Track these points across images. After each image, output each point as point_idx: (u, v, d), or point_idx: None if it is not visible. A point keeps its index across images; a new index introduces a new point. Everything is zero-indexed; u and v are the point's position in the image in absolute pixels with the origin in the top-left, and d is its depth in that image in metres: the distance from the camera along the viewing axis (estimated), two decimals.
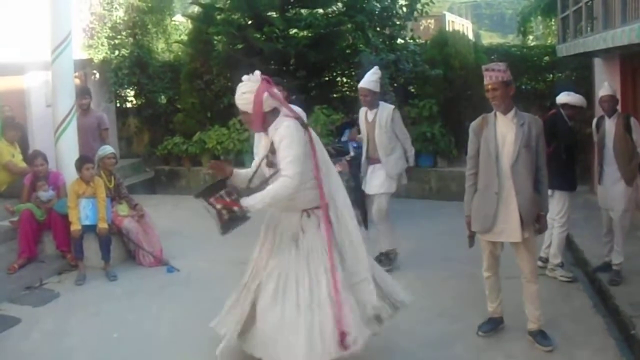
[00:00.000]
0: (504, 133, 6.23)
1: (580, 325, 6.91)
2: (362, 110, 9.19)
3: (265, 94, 5.66)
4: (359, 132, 9.61)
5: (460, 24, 46.69)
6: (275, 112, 5.76)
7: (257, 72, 5.81)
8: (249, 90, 5.67)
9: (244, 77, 5.76)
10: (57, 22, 9.71)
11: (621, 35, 8.86)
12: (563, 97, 8.49)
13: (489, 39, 55.72)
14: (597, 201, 8.70)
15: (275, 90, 5.81)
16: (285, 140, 5.57)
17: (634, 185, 8.04)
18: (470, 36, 31.47)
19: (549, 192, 7.00)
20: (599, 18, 10.75)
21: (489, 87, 6.19)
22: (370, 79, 8.88)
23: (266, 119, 5.73)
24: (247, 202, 5.70)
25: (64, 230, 9.23)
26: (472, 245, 6.64)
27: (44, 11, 9.87)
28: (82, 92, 11.72)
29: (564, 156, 8.11)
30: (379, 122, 8.87)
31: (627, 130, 7.99)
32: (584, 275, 8.76)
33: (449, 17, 47.50)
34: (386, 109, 8.96)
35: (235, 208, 5.80)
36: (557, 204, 8.16)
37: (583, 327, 6.88)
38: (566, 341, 6.49)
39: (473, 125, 6.46)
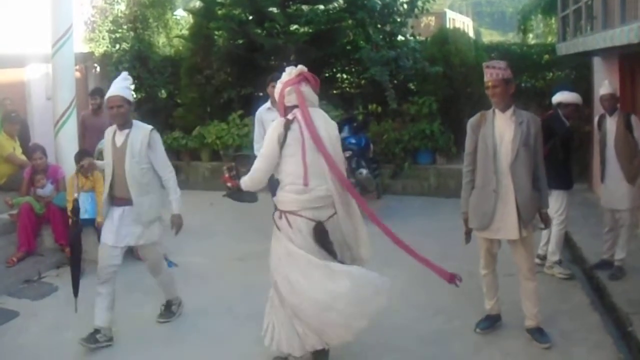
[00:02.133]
0: (502, 131, 6.25)
1: (577, 323, 6.95)
2: (110, 131, 6.93)
3: (288, 89, 5.84)
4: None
5: (461, 22, 46.62)
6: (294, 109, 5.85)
7: (299, 67, 5.94)
8: (281, 80, 5.98)
9: (287, 69, 6.00)
10: (58, 15, 9.72)
11: (620, 34, 8.86)
12: (557, 97, 8.57)
13: (490, 36, 55.77)
14: (595, 199, 8.74)
15: (304, 89, 5.86)
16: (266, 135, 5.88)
17: (636, 183, 8.05)
18: (471, 34, 31.49)
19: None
20: (599, 17, 10.75)
21: (490, 84, 6.21)
22: (123, 85, 6.84)
23: (287, 111, 5.87)
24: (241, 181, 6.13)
25: (63, 224, 9.25)
26: (468, 241, 6.66)
27: (46, 4, 9.88)
28: (94, 92, 11.76)
29: (561, 156, 8.13)
30: (130, 148, 6.74)
31: (628, 128, 8.01)
32: (581, 272, 8.77)
33: (450, 14, 47.47)
34: (141, 130, 6.84)
35: (229, 184, 6.41)
36: (555, 202, 8.17)
37: (580, 324, 6.92)
38: (564, 338, 6.53)
39: (471, 121, 6.48)
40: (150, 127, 6.84)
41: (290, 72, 5.92)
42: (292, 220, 5.70)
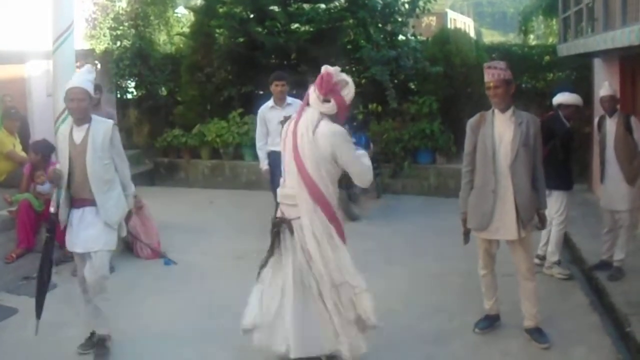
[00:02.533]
0: (501, 131, 6.25)
1: (576, 323, 6.96)
2: (66, 128, 6.35)
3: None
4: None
5: (462, 22, 46.65)
6: None
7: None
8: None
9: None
10: (59, 11, 9.64)
11: (621, 36, 8.87)
12: (558, 98, 8.58)
13: (490, 37, 55.73)
14: (594, 199, 8.75)
15: (310, 90, 5.76)
16: None
17: (636, 184, 8.05)
18: (472, 34, 31.48)
19: (547, 191, 7.02)
20: (600, 19, 10.76)
21: (491, 84, 6.20)
22: (86, 78, 6.32)
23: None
24: None
25: None
26: (467, 242, 6.67)
27: (47, 0, 9.86)
28: (95, 88, 11.75)
29: (561, 156, 8.13)
30: (92, 143, 6.20)
31: (628, 130, 8.01)
32: (581, 273, 8.79)
33: (451, 14, 47.53)
34: (103, 124, 6.36)
35: None
36: (555, 203, 8.19)
37: (579, 324, 6.93)
38: (562, 338, 6.52)
39: (470, 122, 6.48)
40: (111, 121, 6.47)
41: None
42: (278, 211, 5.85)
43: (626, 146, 8.02)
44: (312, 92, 5.66)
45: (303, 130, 5.55)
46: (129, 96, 18.17)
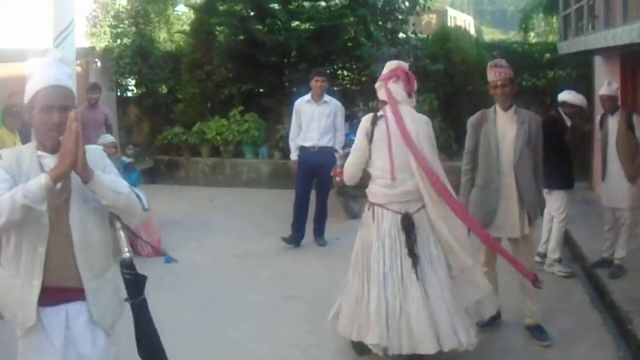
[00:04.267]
0: (504, 130, 6.25)
1: (577, 320, 6.95)
2: (27, 159, 3.64)
3: (378, 84, 6.06)
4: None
5: (462, 20, 46.62)
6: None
7: (394, 63, 6.11)
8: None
9: (387, 63, 6.16)
10: (60, 9, 9.68)
11: (622, 34, 8.87)
12: (564, 95, 8.56)
13: (491, 35, 55.75)
14: (595, 197, 8.75)
15: (391, 86, 5.94)
16: None
17: (637, 182, 8.05)
18: (472, 32, 31.49)
19: (547, 190, 7.03)
20: (601, 17, 10.77)
21: (499, 83, 6.20)
22: (64, 70, 3.92)
23: (381, 105, 6.12)
24: None
25: None
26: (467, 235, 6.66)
27: None
28: (93, 87, 11.75)
29: (559, 156, 8.11)
30: (80, 189, 4.23)
31: (629, 127, 8.00)
32: (581, 270, 8.78)
33: (451, 12, 47.55)
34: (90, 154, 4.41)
35: (337, 178, 7.03)
36: (555, 201, 8.19)
37: (580, 322, 6.92)
38: (563, 336, 6.52)
39: (472, 120, 6.48)
40: (97, 147, 3.92)
41: (387, 67, 6.07)
42: (378, 213, 5.79)
43: (628, 144, 8.01)
44: (397, 88, 5.90)
45: (417, 128, 5.80)
46: (129, 94, 18.17)
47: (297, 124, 10.01)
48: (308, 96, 9.92)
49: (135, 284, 3.76)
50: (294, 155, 10.05)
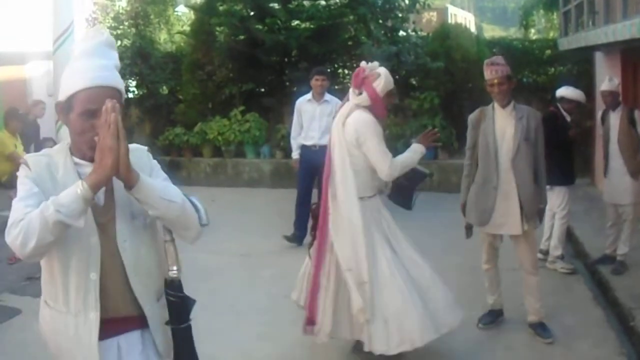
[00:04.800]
0: (503, 127, 6.24)
1: (580, 317, 6.94)
2: (53, 162, 3.24)
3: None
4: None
5: (463, 17, 46.71)
6: None
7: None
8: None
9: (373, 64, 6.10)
10: (59, 12, 9.68)
11: (622, 29, 8.87)
12: (561, 91, 8.58)
13: (491, 32, 55.72)
14: (597, 193, 8.73)
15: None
16: None
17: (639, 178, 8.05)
18: (473, 29, 31.48)
19: (548, 186, 7.02)
20: (601, 12, 10.76)
21: (495, 81, 6.19)
22: (112, 63, 3.77)
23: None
24: None
25: None
26: (469, 236, 6.67)
27: (47, 1, 9.87)
28: None
29: (560, 152, 8.10)
30: (125, 198, 3.55)
31: (631, 123, 8.00)
32: (584, 267, 8.78)
33: (452, 9, 47.64)
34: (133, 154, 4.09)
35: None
36: (556, 197, 8.19)
37: (583, 319, 6.92)
38: (566, 333, 6.52)
39: (471, 117, 6.49)
40: (142, 147, 3.32)
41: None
42: None
43: (630, 139, 8.00)
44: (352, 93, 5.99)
45: (336, 120, 5.98)
46: (130, 95, 18.16)
47: (298, 123, 10.07)
48: (309, 95, 9.98)
49: (181, 309, 3.21)
50: (295, 154, 10.12)
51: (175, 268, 3.10)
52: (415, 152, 5.98)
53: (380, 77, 5.88)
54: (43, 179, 2.91)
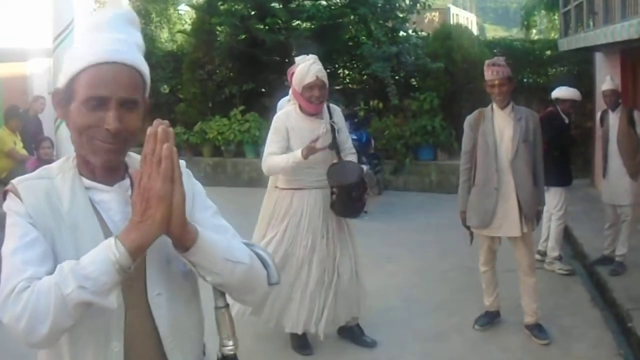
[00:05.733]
0: (501, 128, 6.23)
1: (577, 318, 6.93)
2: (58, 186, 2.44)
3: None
4: None
5: (465, 17, 46.71)
6: None
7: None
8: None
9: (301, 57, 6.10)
10: (59, 9, 9.62)
11: (621, 30, 8.88)
12: (555, 92, 8.59)
13: (494, 32, 55.79)
14: (596, 194, 8.73)
15: None
16: (343, 121, 6.41)
17: (638, 178, 8.04)
18: (475, 29, 31.51)
19: (545, 187, 7.02)
20: (600, 13, 10.76)
21: (496, 82, 6.17)
22: (132, 39, 3.08)
23: None
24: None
25: None
26: (472, 241, 6.63)
27: None
28: None
29: (556, 153, 8.10)
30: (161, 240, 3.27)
31: (630, 124, 8.00)
32: (582, 268, 8.77)
33: (454, 10, 47.58)
34: None
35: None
36: (553, 198, 8.18)
37: (580, 320, 6.90)
38: (563, 334, 6.50)
39: (469, 119, 6.46)
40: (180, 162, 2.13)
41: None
42: None
43: (629, 140, 8.00)
44: None
45: None
46: None
47: None
48: (289, 96, 9.95)
49: None
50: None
51: (231, 343, 2.24)
52: (290, 156, 5.88)
53: (296, 69, 5.95)
54: (42, 215, 1.99)
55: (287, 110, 6.08)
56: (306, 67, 5.88)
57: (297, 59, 6.04)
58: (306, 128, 5.92)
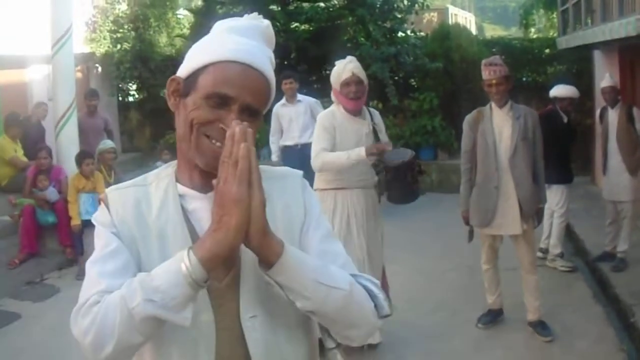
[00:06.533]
0: (500, 126, 6.24)
1: (580, 315, 6.95)
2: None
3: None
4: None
5: (464, 17, 46.62)
6: None
7: None
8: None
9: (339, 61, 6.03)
10: (58, 16, 9.72)
11: (618, 28, 8.89)
12: (553, 91, 8.63)
13: (492, 31, 55.72)
14: (598, 191, 8.74)
15: None
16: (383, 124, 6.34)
17: (638, 175, 8.04)
18: (473, 29, 31.50)
19: (546, 185, 7.03)
20: (598, 11, 10.77)
21: (494, 82, 6.17)
22: (265, 53, 3.31)
23: None
24: None
25: (68, 225, 9.23)
26: (471, 239, 6.64)
27: (46, 4, 9.88)
28: (92, 94, 11.76)
29: (557, 151, 8.10)
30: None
31: (630, 120, 8.01)
32: (584, 265, 8.77)
33: (452, 10, 47.47)
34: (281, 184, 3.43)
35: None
36: (555, 195, 8.19)
37: (583, 316, 6.92)
38: (566, 331, 6.52)
39: (468, 119, 6.46)
40: (295, 172, 2.18)
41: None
42: None
43: (628, 137, 8.02)
44: None
45: None
46: (131, 99, 18.19)
47: (275, 128, 10.47)
48: (283, 100, 10.34)
49: None
50: (274, 157, 10.59)
51: None
52: (350, 153, 5.75)
53: (333, 71, 6.00)
54: (127, 224, 1.90)
55: (331, 109, 6.02)
56: (342, 65, 5.92)
57: (337, 62, 6.04)
58: (350, 128, 5.92)
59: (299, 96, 10.39)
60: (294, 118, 10.22)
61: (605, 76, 8.49)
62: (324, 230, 2.00)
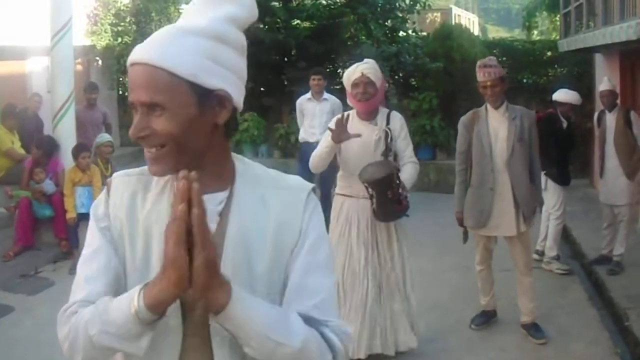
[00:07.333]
0: (496, 128, 6.22)
1: (575, 318, 6.94)
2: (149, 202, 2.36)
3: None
4: None
5: (467, 18, 46.59)
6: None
7: None
8: (377, 68, 5.84)
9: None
10: (57, 8, 9.69)
11: (619, 31, 8.90)
12: (555, 95, 8.65)
13: (496, 33, 55.84)
14: (595, 194, 8.73)
15: None
16: (405, 129, 5.98)
17: (635, 178, 8.04)
18: (476, 30, 31.49)
19: (543, 185, 7.01)
20: (599, 14, 10.78)
21: (488, 84, 6.17)
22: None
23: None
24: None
25: (64, 218, 9.21)
26: (466, 240, 6.63)
27: None
28: (91, 87, 11.73)
29: (555, 153, 8.10)
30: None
31: (627, 124, 8.01)
32: (580, 267, 8.78)
33: (456, 10, 47.43)
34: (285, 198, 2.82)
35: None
36: (551, 197, 8.18)
37: (578, 319, 6.91)
38: (560, 334, 6.51)
39: (464, 120, 6.46)
40: (304, 184, 1.99)
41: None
42: None
43: (626, 140, 8.01)
44: None
45: None
46: None
47: (302, 121, 10.46)
48: (308, 94, 10.31)
49: None
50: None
51: None
52: (322, 140, 5.66)
53: (345, 72, 5.93)
54: (119, 215, 1.88)
55: (346, 113, 5.68)
56: (354, 66, 5.78)
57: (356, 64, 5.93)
58: (359, 133, 5.56)
59: (325, 94, 10.36)
60: (317, 115, 10.20)
61: (603, 80, 8.49)
62: (318, 258, 1.88)
